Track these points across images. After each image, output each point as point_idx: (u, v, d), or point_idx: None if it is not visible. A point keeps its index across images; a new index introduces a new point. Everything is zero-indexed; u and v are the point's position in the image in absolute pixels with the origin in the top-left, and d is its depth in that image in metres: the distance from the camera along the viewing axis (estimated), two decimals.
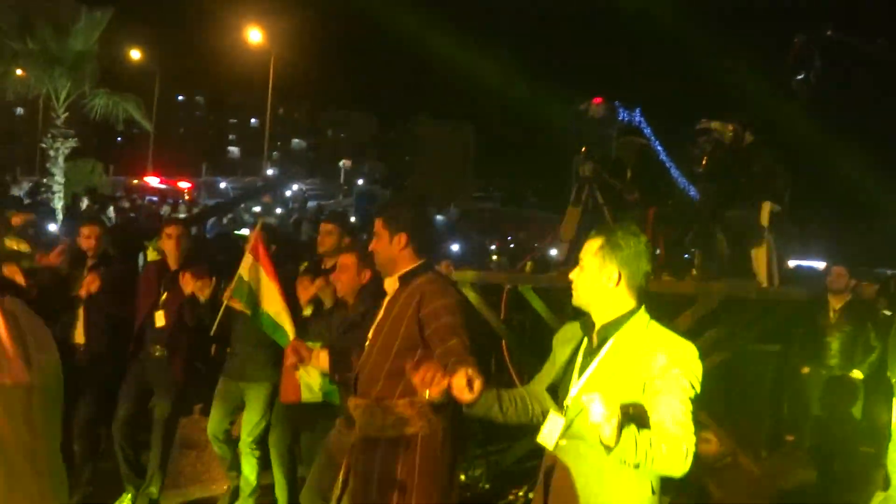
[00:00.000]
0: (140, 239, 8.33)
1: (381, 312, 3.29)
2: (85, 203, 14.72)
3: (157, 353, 5.00)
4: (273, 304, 4.37)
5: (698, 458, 2.35)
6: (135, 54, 34.33)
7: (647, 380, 2.38)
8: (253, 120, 70.30)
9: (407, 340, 3.10)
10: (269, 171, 49.56)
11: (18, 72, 18.11)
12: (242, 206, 20.64)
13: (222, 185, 36.31)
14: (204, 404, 6.99)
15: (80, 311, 5.02)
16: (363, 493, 3.10)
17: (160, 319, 4.98)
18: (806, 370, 6.40)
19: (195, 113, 74.97)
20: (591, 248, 2.56)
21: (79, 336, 5.04)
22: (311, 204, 30.70)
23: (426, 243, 3.38)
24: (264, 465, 5.00)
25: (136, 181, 28.45)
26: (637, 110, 10.77)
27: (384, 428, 3.09)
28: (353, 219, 23.93)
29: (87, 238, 5.08)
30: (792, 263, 15.00)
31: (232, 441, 5.11)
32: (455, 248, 19.74)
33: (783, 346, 6.91)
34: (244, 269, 4.45)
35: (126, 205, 15.46)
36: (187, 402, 6.73)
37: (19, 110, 54.98)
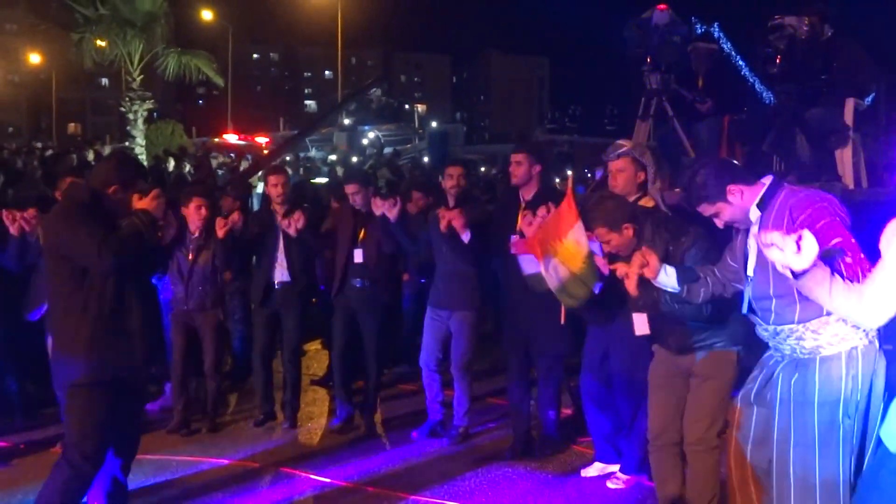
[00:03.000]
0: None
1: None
2: (172, 164, 15.16)
3: (359, 286, 5.38)
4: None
5: None
6: (206, 14, 34.83)
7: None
8: (327, 72, 70.68)
9: None
10: (346, 122, 49.87)
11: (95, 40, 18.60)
12: (316, 153, 20.80)
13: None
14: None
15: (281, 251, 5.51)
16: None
17: (359, 256, 5.37)
18: None
19: (270, 69, 76.00)
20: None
21: (282, 274, 5.53)
22: (387, 150, 30.80)
23: None
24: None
25: (216, 140, 29.07)
26: (715, 25, 10.25)
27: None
28: (426, 159, 23.88)
29: (275, 186, 5.53)
30: None
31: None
32: None
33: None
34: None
35: (192, 163, 15.82)
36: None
37: (104, 81, 56.98)
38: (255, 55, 72.51)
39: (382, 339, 5.49)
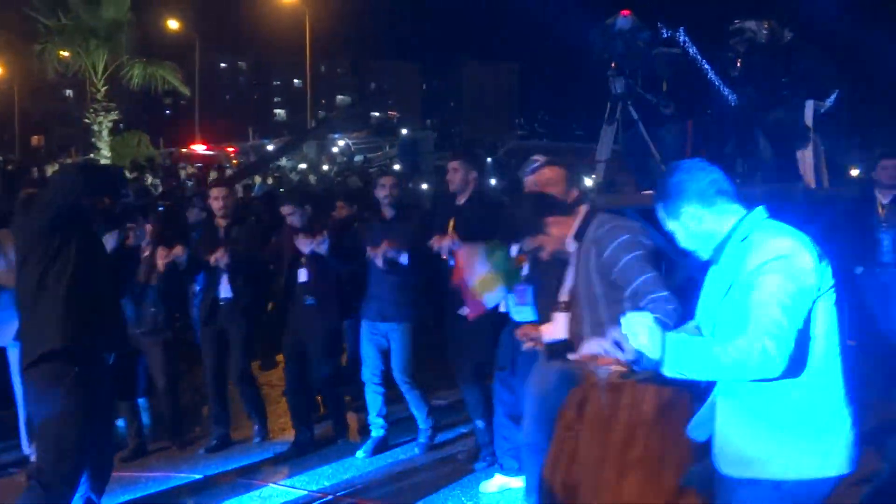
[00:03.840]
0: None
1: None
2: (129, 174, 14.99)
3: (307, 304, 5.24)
4: None
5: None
6: (172, 24, 34.52)
7: (747, 284, 2.24)
8: (296, 80, 70.37)
9: None
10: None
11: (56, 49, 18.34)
12: (286, 162, 20.71)
13: (269, 147, 36.56)
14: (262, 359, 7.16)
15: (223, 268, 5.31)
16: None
17: (303, 275, 5.23)
18: (859, 270, 6.14)
19: (238, 79, 75.50)
20: (662, 215, 2.48)
21: (225, 290, 5.37)
22: (357, 158, 30.75)
23: None
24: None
25: (183, 150, 28.84)
26: (681, 30, 10.36)
27: None
28: (397, 167, 23.86)
29: (216, 199, 5.39)
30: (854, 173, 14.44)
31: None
32: None
33: (834, 249, 6.63)
34: None
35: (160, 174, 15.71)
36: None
37: (68, 92, 56.23)
38: (222, 64, 71.98)
39: (330, 359, 5.39)
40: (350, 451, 5.23)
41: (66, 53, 18.28)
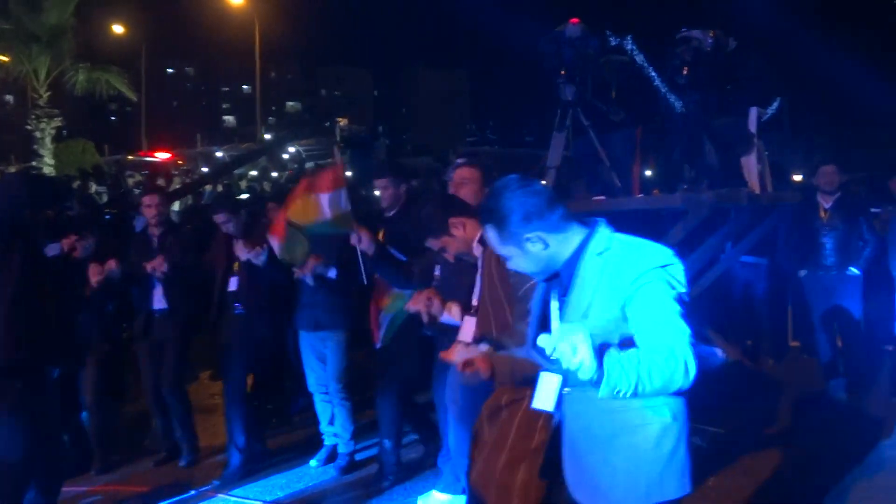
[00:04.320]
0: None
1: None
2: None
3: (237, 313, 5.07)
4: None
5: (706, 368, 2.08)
6: (118, 29, 33.85)
7: (625, 298, 2.10)
8: (245, 86, 69.63)
9: None
10: (267, 136, 49.20)
11: None
12: (235, 173, 20.43)
13: (218, 154, 36.01)
14: (213, 370, 7.02)
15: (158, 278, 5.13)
16: None
17: (233, 284, 5.08)
18: (803, 273, 6.30)
19: (186, 84, 74.39)
20: (494, 240, 2.26)
21: (159, 301, 5.19)
22: (308, 164, 30.47)
23: None
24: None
25: (130, 157, 28.25)
26: (629, 38, 10.52)
27: None
28: (349, 174, 23.74)
29: (148, 207, 5.21)
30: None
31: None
32: None
33: (778, 252, 6.81)
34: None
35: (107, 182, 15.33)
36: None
37: (9, 98, 54.74)
38: (169, 70, 70.88)
39: (262, 369, 5.28)
40: (304, 460, 5.16)
41: (5, 59, 17.79)
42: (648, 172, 8.23)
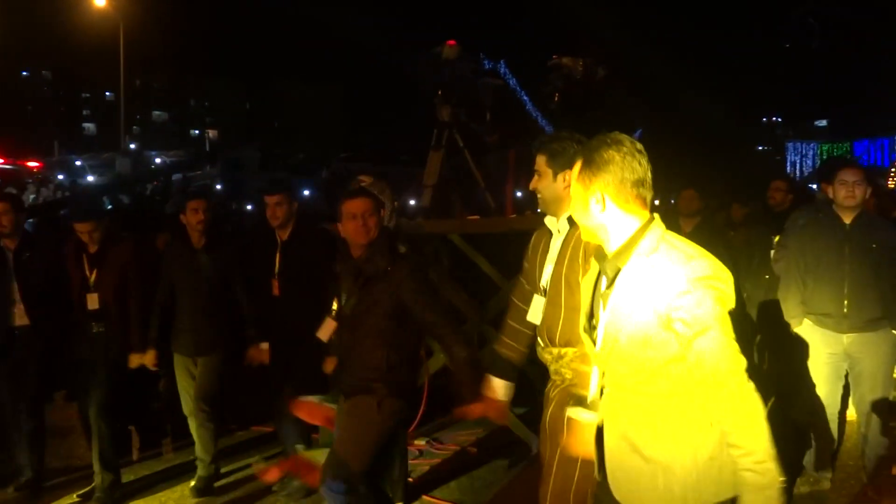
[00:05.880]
0: None
1: (555, 255, 3.01)
2: None
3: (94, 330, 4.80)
4: None
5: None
6: None
7: (668, 310, 2.05)
8: (108, 93, 66.49)
9: None
10: (132, 146, 47.28)
11: None
12: (93, 177, 19.50)
13: (77, 162, 34.23)
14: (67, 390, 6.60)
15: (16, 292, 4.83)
16: None
17: (93, 301, 4.76)
18: None
19: (42, 89, 70.21)
20: (574, 174, 2.24)
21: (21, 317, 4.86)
22: (175, 176, 29.43)
23: None
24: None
25: None
26: (502, 62, 10.81)
27: None
28: (218, 186, 23.11)
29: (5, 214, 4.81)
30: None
31: None
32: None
33: None
34: None
35: None
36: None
37: None
38: (24, 73, 66.75)
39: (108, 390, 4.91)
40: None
41: None
42: (519, 194, 8.44)
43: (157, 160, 34.23)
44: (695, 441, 2.14)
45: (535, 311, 3.07)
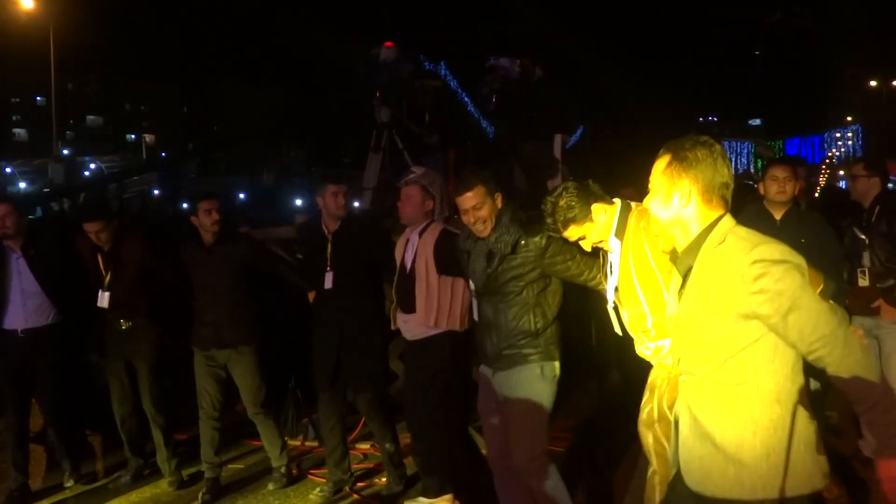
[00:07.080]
0: None
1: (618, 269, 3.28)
2: None
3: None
4: None
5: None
6: None
7: (745, 297, 2.11)
8: (38, 98, 64.55)
9: None
10: (65, 152, 45.93)
11: None
12: (25, 184, 18.92)
13: (8, 169, 33.16)
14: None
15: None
16: None
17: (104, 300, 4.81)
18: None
19: None
20: (660, 168, 2.31)
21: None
22: (111, 185, 28.69)
23: None
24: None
25: None
26: (442, 63, 10.81)
27: None
28: (156, 192, 22.60)
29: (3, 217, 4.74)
30: None
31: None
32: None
33: None
34: None
35: None
36: None
37: None
38: None
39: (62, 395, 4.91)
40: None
41: None
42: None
43: (92, 165, 33.33)
44: (764, 432, 2.16)
45: (616, 326, 3.32)
